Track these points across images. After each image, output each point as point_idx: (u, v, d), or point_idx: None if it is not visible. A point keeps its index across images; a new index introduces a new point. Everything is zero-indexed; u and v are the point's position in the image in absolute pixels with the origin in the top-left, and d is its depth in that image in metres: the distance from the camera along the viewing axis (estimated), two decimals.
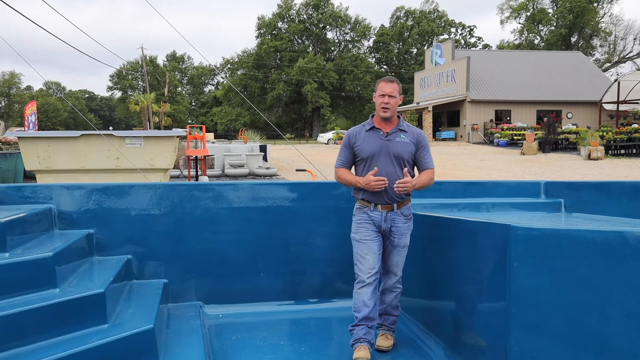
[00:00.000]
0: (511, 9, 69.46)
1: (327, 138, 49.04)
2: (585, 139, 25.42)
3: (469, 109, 38.88)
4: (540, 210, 4.68)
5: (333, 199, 4.60)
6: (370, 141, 3.66)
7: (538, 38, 68.21)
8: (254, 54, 74.10)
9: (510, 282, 2.92)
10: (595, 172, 17.96)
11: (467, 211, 4.54)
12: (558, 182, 4.85)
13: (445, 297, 3.77)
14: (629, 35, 63.13)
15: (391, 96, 3.63)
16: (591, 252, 2.68)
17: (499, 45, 71.38)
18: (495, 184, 5.05)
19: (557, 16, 64.87)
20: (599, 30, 64.48)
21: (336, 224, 4.57)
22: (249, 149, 20.98)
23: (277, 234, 4.51)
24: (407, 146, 3.66)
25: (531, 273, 2.87)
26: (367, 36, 78.06)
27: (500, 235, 2.97)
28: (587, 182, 4.69)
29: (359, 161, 3.70)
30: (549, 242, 2.81)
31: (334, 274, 4.62)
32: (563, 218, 4.33)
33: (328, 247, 4.60)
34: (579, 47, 61.21)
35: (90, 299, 3.02)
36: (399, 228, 3.66)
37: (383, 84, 3.67)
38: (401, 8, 77.36)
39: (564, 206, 4.65)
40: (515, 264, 2.93)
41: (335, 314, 4.45)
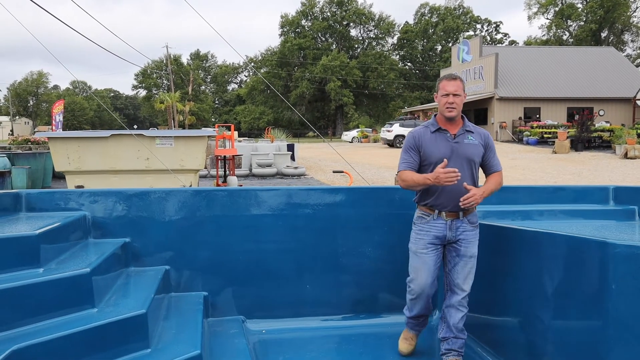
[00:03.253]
0: (539, 4, 68.08)
1: (351, 136, 48.63)
2: (622, 137, 24.61)
3: (497, 106, 38.11)
4: (610, 218, 4.27)
5: (385, 205, 4.26)
6: (438, 144, 3.37)
7: (567, 34, 66.77)
8: (277, 52, 74.03)
9: (609, 309, 2.55)
10: (637, 171, 17.28)
11: (532, 220, 4.14)
12: (629, 187, 4.43)
13: (517, 319, 3.40)
14: None
15: (456, 95, 3.35)
16: None
17: (526, 41, 70.12)
18: (558, 189, 4.66)
19: (587, 11, 63.37)
20: (630, 25, 62.84)
21: (388, 232, 4.23)
22: (277, 148, 20.71)
23: (324, 243, 4.18)
24: (476, 148, 3.41)
25: (634, 298, 2.50)
26: (391, 33, 77.41)
27: (595, 253, 2.60)
28: None
29: (426, 166, 3.39)
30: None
31: (385, 286, 4.28)
32: (638, 228, 3.93)
33: (379, 257, 4.26)
34: (610, 43, 59.70)
35: (132, 320, 2.73)
36: (466, 236, 3.40)
37: (445, 83, 3.39)
38: (425, 5, 76.51)
39: (638, 214, 4.23)
40: (614, 287, 2.56)
41: (386, 329, 4.12)
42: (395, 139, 34.40)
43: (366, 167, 19.57)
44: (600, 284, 2.60)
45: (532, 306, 3.16)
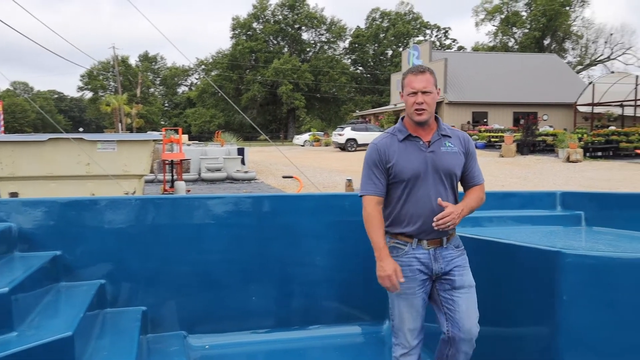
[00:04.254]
0: (486, 11, 69.95)
1: (303, 140, 48.54)
2: (564, 141, 25.43)
3: (447, 110, 38.82)
4: (557, 224, 4.28)
5: (334, 212, 4.12)
6: (410, 156, 2.73)
7: (512, 40, 68.81)
8: (228, 54, 73.29)
9: (560, 320, 2.49)
10: (578, 174, 17.85)
11: (482, 226, 4.10)
12: (576, 193, 4.46)
13: None
14: (600, 38, 63.88)
15: (426, 92, 2.69)
16: None
17: (474, 47, 71.80)
18: (507, 195, 4.65)
19: (531, 19, 65.51)
20: (571, 34, 65.32)
21: (338, 240, 4.10)
22: (227, 151, 20.36)
23: (272, 252, 4.01)
24: (456, 157, 2.78)
25: (585, 309, 2.45)
26: (343, 37, 77.84)
27: (547, 263, 2.54)
28: (609, 193, 4.32)
29: (397, 184, 2.75)
30: (608, 272, 2.39)
31: (335, 296, 4.14)
32: (584, 233, 3.95)
33: (329, 266, 4.12)
34: (552, 50, 61.82)
35: (56, 344, 2.49)
36: (457, 263, 2.79)
37: (411, 78, 2.73)
38: (377, 9, 77.37)
39: (584, 219, 4.25)
40: (565, 297, 2.51)
41: (336, 341, 3.99)
42: (347, 143, 34.51)
43: (317, 171, 19.48)
44: (551, 293, 2.54)
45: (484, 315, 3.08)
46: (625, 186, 14.74)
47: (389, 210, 2.82)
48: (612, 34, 63.29)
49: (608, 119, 34.77)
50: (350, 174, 15.10)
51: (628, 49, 61.13)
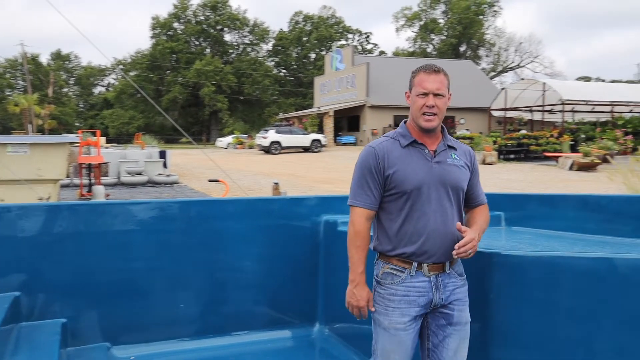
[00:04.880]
0: (406, 17, 72.04)
1: (226, 142, 47.93)
2: (480, 144, 26.56)
3: (369, 114, 39.60)
4: None
5: (264, 216, 4.08)
6: (414, 164, 2.37)
7: (431, 47, 71.24)
8: (148, 54, 71.22)
9: (490, 316, 2.58)
10: (494, 176, 18.69)
11: None
12: (496, 194, 4.64)
13: None
14: (511, 47, 67.39)
15: (438, 95, 2.39)
16: (579, 281, 2.39)
17: (395, 52, 73.73)
18: None
19: (448, 26, 68.14)
20: (484, 42, 68.48)
21: (267, 245, 4.06)
22: (148, 155, 19.75)
23: (199, 258, 3.91)
24: (463, 172, 2.47)
25: (510, 306, 2.55)
26: (266, 40, 77.66)
27: (477, 262, 2.62)
28: (529, 195, 4.54)
29: (396, 196, 2.38)
30: (532, 271, 2.50)
31: (265, 301, 4.10)
32: (504, 233, 4.13)
33: (258, 271, 4.07)
34: (467, 57, 64.58)
35: None
36: (458, 296, 2.44)
37: (424, 77, 2.40)
38: (300, 13, 77.77)
39: (504, 220, 4.44)
40: (492, 295, 2.61)
41: (267, 346, 3.94)
42: (271, 146, 34.44)
43: (242, 174, 19.30)
44: (481, 292, 2.63)
45: None
46: (537, 186, 15.61)
47: (385, 228, 2.43)
48: (521, 43, 67.00)
49: (519, 123, 36.76)
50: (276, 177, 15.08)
51: (536, 57, 64.96)
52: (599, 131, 28.01)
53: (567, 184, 16.18)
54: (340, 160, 27.84)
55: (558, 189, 15.09)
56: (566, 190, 14.76)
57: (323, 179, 18.47)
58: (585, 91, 32.55)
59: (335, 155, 31.76)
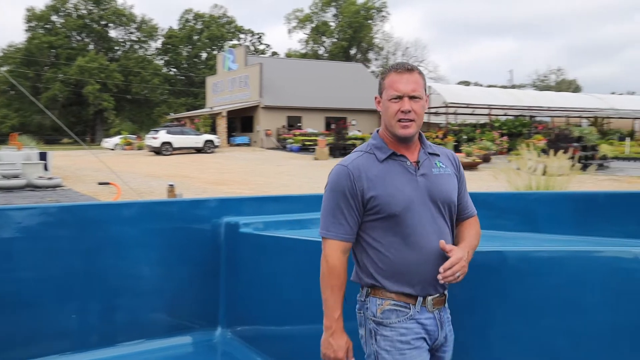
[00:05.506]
0: (297, 19, 72.77)
1: (113, 143, 45.70)
2: None
3: (263, 114, 39.54)
4: None
5: (161, 220, 3.94)
6: (397, 181, 2.01)
7: (322, 49, 72.52)
8: (22, 49, 66.20)
9: None
10: None
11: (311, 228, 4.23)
12: None
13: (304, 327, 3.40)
14: (398, 51, 70.32)
15: (413, 97, 2.01)
16: (474, 275, 2.53)
17: (287, 53, 74.19)
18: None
19: (339, 29, 69.74)
20: (373, 45, 70.88)
21: (165, 249, 3.92)
22: (26, 156, 18.36)
23: (93, 265, 3.69)
24: (451, 181, 2.13)
25: None
26: (155, 37, 75.04)
27: None
28: None
29: (381, 221, 2.01)
30: None
31: (164, 306, 3.96)
32: None
33: (155, 276, 3.92)
34: (358, 59, 66.50)
35: None
36: (451, 330, 2.19)
37: (395, 77, 2.02)
38: (190, 11, 75.99)
39: None
40: None
41: (167, 353, 3.81)
42: (162, 147, 33.35)
43: (132, 177, 18.50)
44: None
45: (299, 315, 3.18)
46: None
47: (374, 258, 2.05)
48: (408, 48, 70.17)
49: None
50: (168, 179, 14.62)
51: (421, 61, 68.34)
52: (479, 132, 29.95)
53: None
54: (234, 161, 27.56)
55: None
56: None
57: (217, 181, 18.18)
58: (466, 95, 34.70)
59: (229, 156, 31.39)
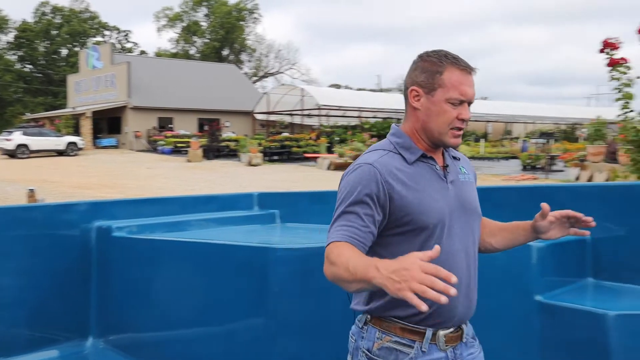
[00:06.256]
0: (167, 18, 70.54)
1: None
2: (245, 146, 27.38)
3: (131, 115, 37.88)
4: (256, 222, 4.60)
5: (22, 226, 3.63)
6: (430, 188, 1.69)
7: (194, 49, 70.94)
8: None
9: (273, 309, 2.69)
10: (260, 177, 19.44)
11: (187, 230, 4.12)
12: (271, 193, 4.87)
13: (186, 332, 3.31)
14: (271, 53, 70.69)
15: (470, 103, 1.71)
16: None
17: (157, 52, 71.59)
18: (210, 198, 4.80)
19: (211, 30, 68.62)
20: (246, 47, 70.68)
21: (27, 257, 3.62)
22: None
23: None
24: (475, 190, 1.87)
25: (293, 297, 2.70)
26: (5, 30, 68.77)
27: (258, 259, 2.71)
28: (301, 192, 4.83)
29: (410, 233, 1.65)
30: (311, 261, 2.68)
31: (26, 320, 3.65)
32: (280, 230, 4.35)
33: (16, 287, 3.60)
34: (230, 61, 65.93)
35: None
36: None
37: (460, 77, 1.66)
38: (47, 3, 70.52)
39: (279, 217, 4.66)
40: (275, 288, 2.72)
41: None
42: (17, 149, 30.66)
43: None
44: (262, 285, 2.73)
45: (201, 317, 3.12)
46: (301, 185, 16.68)
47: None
48: (280, 50, 70.61)
49: (281, 126, 38.85)
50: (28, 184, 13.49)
51: (293, 64, 69.17)
52: (350, 134, 31.04)
53: (327, 182, 17.60)
54: (101, 164, 26.09)
55: (320, 186, 16.33)
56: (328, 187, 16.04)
57: (83, 185, 17.11)
58: (338, 97, 35.85)
59: (95, 159, 29.67)
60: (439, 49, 1.72)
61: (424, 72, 1.68)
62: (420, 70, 1.69)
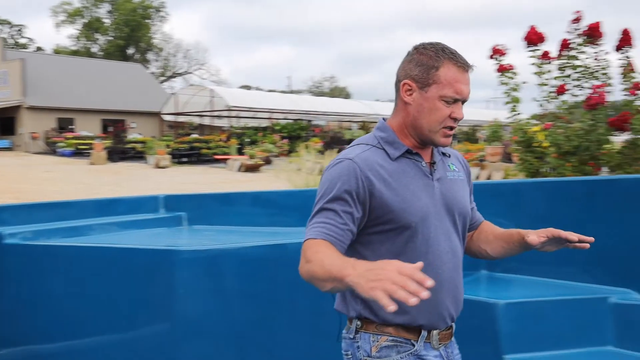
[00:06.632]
0: (66, 13, 66.95)
1: None
2: (153, 148, 26.56)
3: (27, 115, 35.65)
4: (162, 225, 4.50)
5: None
6: (413, 185, 1.64)
7: (97, 46, 67.85)
8: None
9: (177, 313, 2.66)
10: (168, 179, 18.94)
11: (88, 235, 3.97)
12: (178, 195, 4.78)
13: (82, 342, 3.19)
14: (179, 53, 68.94)
15: (464, 102, 1.65)
16: (259, 266, 2.66)
17: (55, 49, 67.77)
18: (112, 201, 4.64)
19: (114, 27, 65.88)
20: (152, 46, 68.53)
21: None
22: None
23: None
24: (465, 189, 1.80)
25: (199, 299, 2.68)
26: None
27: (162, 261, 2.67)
28: (208, 194, 4.77)
29: (391, 232, 1.61)
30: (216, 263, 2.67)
31: None
32: (187, 232, 4.30)
33: None
34: (136, 60, 63.65)
35: None
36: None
37: (457, 73, 1.60)
38: None
39: (186, 219, 4.59)
40: (181, 291, 2.69)
41: None
42: None
43: None
44: (167, 289, 2.69)
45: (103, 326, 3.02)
46: (211, 187, 16.42)
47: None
48: (189, 50, 68.98)
49: (190, 128, 38.05)
50: None
51: (203, 64, 67.88)
52: (261, 135, 30.95)
53: (237, 184, 17.46)
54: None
55: (231, 188, 16.16)
56: (238, 189, 15.91)
57: None
58: (248, 99, 35.60)
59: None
60: (436, 41, 1.65)
61: (419, 66, 1.61)
62: (415, 63, 1.62)
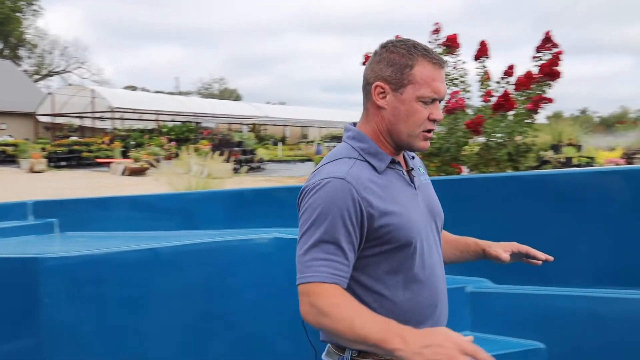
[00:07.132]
0: None
1: None
2: (26, 151, 24.76)
3: None
4: (30, 233, 4.22)
5: None
6: (403, 198, 1.50)
7: None
8: None
9: (44, 324, 2.51)
10: (44, 184, 17.73)
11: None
12: (49, 201, 4.50)
13: None
14: (56, 50, 64.66)
15: (441, 101, 1.55)
16: (131, 272, 2.59)
17: None
18: None
19: None
20: (25, 41, 63.81)
21: None
22: None
23: None
24: (433, 190, 1.71)
25: (69, 308, 2.56)
26: None
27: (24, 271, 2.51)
28: (82, 199, 4.54)
29: (389, 252, 1.46)
30: (87, 270, 2.57)
31: None
32: (59, 239, 4.09)
33: None
34: (6, 56, 58.90)
35: None
36: None
37: (432, 71, 1.46)
38: None
39: (58, 226, 4.34)
40: (47, 300, 2.55)
41: None
42: None
43: None
44: (31, 300, 2.54)
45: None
46: (91, 192, 15.61)
47: (376, 309, 1.42)
48: (67, 47, 64.83)
49: (69, 130, 35.85)
50: None
51: (83, 63, 64.13)
52: (147, 138, 29.86)
53: (120, 188, 16.73)
54: None
55: (112, 192, 15.45)
56: (120, 193, 15.26)
57: None
58: (133, 100, 34.25)
59: None
60: (406, 38, 1.50)
61: (391, 66, 1.47)
62: (386, 63, 1.47)
